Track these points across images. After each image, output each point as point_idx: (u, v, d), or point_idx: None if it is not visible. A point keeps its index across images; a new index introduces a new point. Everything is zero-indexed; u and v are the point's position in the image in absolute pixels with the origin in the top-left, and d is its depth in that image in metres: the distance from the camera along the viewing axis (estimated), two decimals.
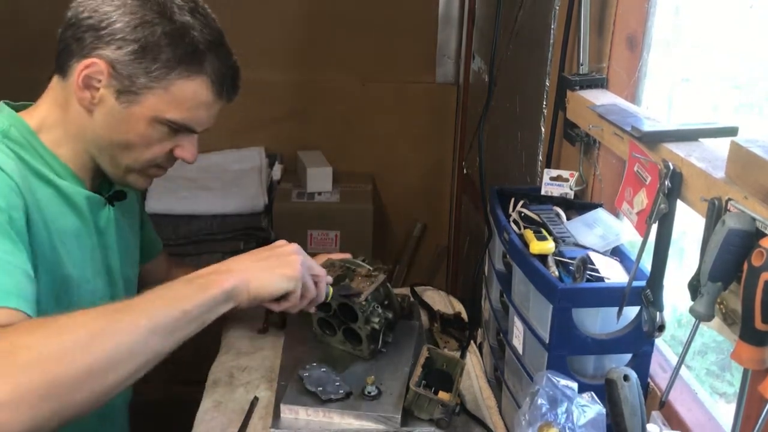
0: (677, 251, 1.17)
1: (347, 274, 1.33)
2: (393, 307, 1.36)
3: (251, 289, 1.00)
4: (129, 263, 1.22)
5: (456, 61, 2.56)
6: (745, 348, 0.75)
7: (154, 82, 1.03)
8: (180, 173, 2.43)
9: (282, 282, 1.05)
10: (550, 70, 1.52)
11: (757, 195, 0.79)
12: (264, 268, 1.04)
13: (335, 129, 2.60)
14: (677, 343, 1.22)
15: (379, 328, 1.29)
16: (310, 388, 1.21)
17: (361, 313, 1.27)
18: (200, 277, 0.97)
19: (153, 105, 1.04)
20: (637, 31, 1.27)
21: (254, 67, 2.48)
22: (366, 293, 1.26)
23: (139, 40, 1.01)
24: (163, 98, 1.04)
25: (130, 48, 1.01)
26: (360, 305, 1.25)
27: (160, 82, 1.03)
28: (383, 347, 1.33)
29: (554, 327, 1.03)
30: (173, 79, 1.03)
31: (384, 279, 1.32)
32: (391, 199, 2.69)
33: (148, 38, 1.01)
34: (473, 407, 1.26)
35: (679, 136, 1.00)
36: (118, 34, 1.00)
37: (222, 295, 0.96)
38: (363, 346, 1.31)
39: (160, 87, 1.03)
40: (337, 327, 1.33)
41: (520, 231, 1.21)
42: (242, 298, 0.99)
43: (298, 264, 1.07)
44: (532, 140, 1.64)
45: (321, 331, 1.36)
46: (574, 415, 0.86)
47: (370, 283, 1.30)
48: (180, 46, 1.03)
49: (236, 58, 1.12)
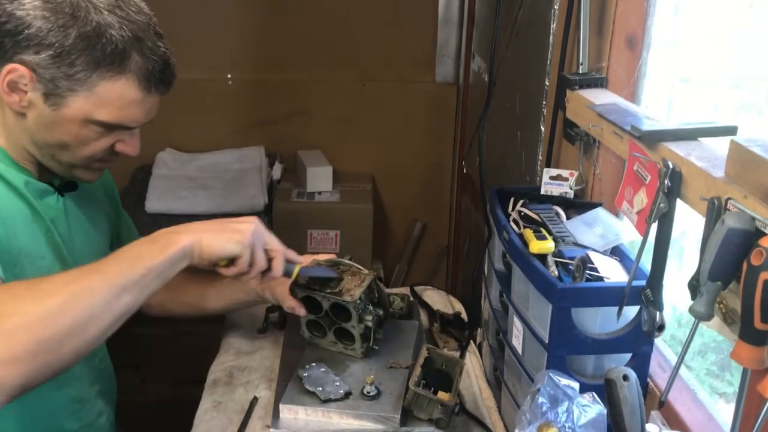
0: (677, 251, 1.17)
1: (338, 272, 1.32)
2: (383, 304, 1.36)
3: (202, 247, 1.04)
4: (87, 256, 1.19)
5: (456, 60, 2.56)
6: (745, 348, 0.75)
7: (76, 84, 1.02)
8: (180, 173, 2.43)
9: (230, 244, 1.07)
10: (549, 70, 1.52)
11: (756, 194, 0.79)
12: (215, 230, 1.08)
13: (335, 129, 2.60)
14: (677, 342, 1.22)
15: (372, 326, 1.29)
16: (310, 388, 1.21)
17: (355, 312, 1.27)
18: (161, 236, 1.03)
19: (80, 107, 1.03)
20: (637, 30, 1.27)
21: (254, 67, 2.52)
22: (359, 292, 1.26)
23: (53, 45, 0.99)
24: (89, 100, 1.03)
25: (46, 53, 1.00)
26: (354, 304, 1.25)
27: (82, 85, 1.02)
28: (375, 344, 1.33)
29: (554, 327, 1.03)
30: (96, 81, 1.02)
31: (374, 276, 1.32)
32: (391, 199, 2.69)
33: (62, 42, 0.99)
34: (472, 407, 1.27)
35: (679, 135, 1.00)
36: (34, 39, 0.99)
37: (180, 252, 1.01)
38: (356, 345, 1.31)
39: (84, 89, 1.02)
40: (328, 328, 1.32)
41: (519, 230, 1.21)
42: (195, 255, 1.04)
43: (249, 232, 1.10)
44: (532, 140, 1.64)
45: (309, 333, 1.35)
46: (574, 415, 0.86)
47: (360, 281, 1.29)
48: (97, 48, 1.01)
49: (165, 49, 1.08)
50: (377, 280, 1.34)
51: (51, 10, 0.99)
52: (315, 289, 1.27)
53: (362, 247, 2.39)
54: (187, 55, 2.56)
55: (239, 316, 1.52)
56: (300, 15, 2.47)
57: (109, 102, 1.04)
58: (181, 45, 2.56)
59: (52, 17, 0.99)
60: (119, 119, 1.06)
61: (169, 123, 2.51)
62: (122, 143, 1.12)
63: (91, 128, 1.06)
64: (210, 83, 2.51)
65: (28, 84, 1.01)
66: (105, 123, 1.06)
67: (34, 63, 1.00)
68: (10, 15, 0.99)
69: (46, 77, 1.01)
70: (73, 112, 1.03)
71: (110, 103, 1.04)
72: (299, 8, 2.46)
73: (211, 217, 2.29)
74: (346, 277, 1.30)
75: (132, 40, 1.03)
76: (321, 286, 1.27)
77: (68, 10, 1.00)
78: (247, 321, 1.51)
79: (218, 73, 2.51)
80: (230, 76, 2.52)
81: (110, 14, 1.02)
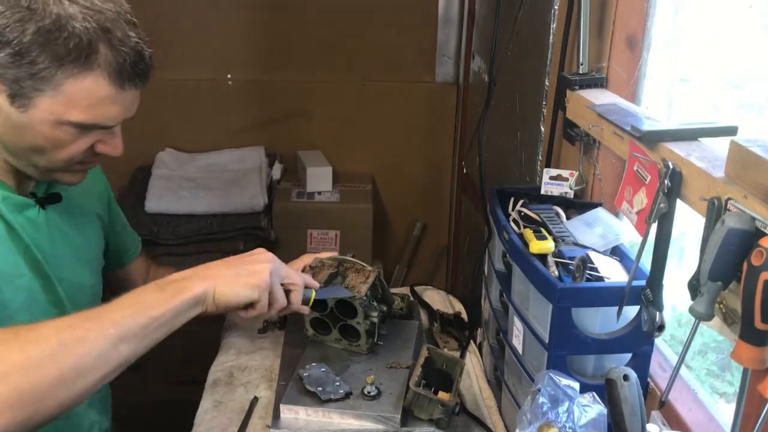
0: (677, 251, 1.17)
1: (340, 271, 1.33)
2: (387, 300, 1.37)
3: (216, 295, 1.01)
4: (74, 268, 1.15)
5: (456, 60, 2.55)
6: (745, 348, 0.75)
7: (41, 83, 0.93)
8: (180, 173, 2.43)
9: (246, 290, 1.05)
10: (549, 70, 1.52)
11: (756, 194, 0.79)
12: (231, 275, 1.04)
13: (335, 129, 2.60)
14: (677, 342, 1.22)
15: (377, 322, 1.30)
16: (310, 388, 1.21)
17: (361, 309, 1.27)
18: (171, 283, 0.98)
19: (49, 108, 0.95)
20: (637, 30, 1.27)
21: (254, 67, 2.52)
22: (365, 288, 1.27)
23: (10, 42, 0.91)
24: (57, 100, 0.95)
25: (5, 51, 0.92)
26: (360, 301, 1.26)
27: (47, 84, 0.94)
28: (379, 340, 1.34)
29: (554, 327, 1.03)
30: (62, 79, 0.94)
31: (378, 273, 1.33)
32: (391, 199, 2.69)
33: (20, 39, 0.91)
34: (473, 407, 1.27)
35: (679, 135, 1.00)
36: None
37: (190, 301, 0.97)
38: (362, 341, 1.31)
39: (49, 88, 0.94)
40: (333, 325, 1.33)
41: (519, 230, 1.21)
42: (208, 303, 1.01)
43: (265, 274, 1.07)
44: (532, 140, 1.64)
45: (313, 330, 1.36)
46: (575, 415, 0.86)
47: (365, 278, 1.30)
48: (59, 43, 0.92)
49: (137, 39, 0.99)
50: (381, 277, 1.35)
51: (5, 3, 0.92)
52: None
53: (362, 247, 2.39)
54: (188, 55, 2.59)
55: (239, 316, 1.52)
56: (300, 15, 2.47)
57: (79, 101, 0.96)
58: (181, 45, 2.58)
59: (7, 12, 0.91)
60: (93, 119, 0.98)
61: (169, 123, 2.51)
62: (102, 144, 1.04)
63: (65, 130, 0.98)
64: (210, 83, 2.51)
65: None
66: (78, 123, 0.98)
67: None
68: None
69: (9, 77, 0.93)
70: (42, 113, 0.96)
71: (80, 101, 0.96)
72: (299, 8, 2.46)
73: (211, 216, 2.32)
74: (350, 274, 1.31)
75: (98, 31, 0.94)
76: (326, 284, 1.27)
77: (24, 3, 0.91)
78: (247, 321, 1.51)
79: (218, 73, 2.50)
80: (230, 76, 2.52)
81: (72, 4, 0.93)
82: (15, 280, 1.04)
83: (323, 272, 1.30)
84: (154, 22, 2.40)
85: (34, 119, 0.96)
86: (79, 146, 1.02)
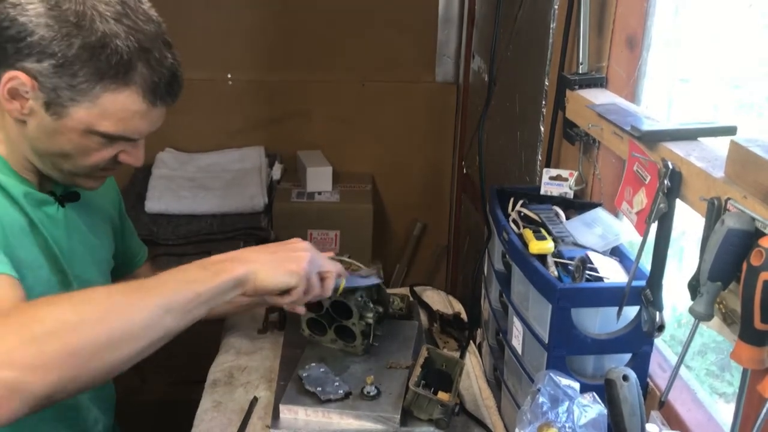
0: (677, 251, 1.17)
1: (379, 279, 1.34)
2: (383, 301, 1.37)
3: (258, 280, 1.03)
4: (88, 267, 1.18)
5: (456, 60, 2.55)
6: (745, 348, 0.75)
7: (79, 95, 0.98)
8: (180, 173, 2.43)
9: (286, 277, 1.06)
10: (549, 70, 1.52)
11: (756, 194, 0.79)
12: (272, 260, 1.06)
13: (335, 129, 2.59)
14: (677, 343, 1.22)
15: (372, 323, 1.30)
16: (310, 388, 1.21)
17: (357, 310, 1.28)
18: (214, 263, 1.00)
19: (82, 118, 1.00)
20: (637, 30, 1.27)
21: (254, 67, 2.52)
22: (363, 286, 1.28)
23: (55, 54, 0.96)
24: (92, 111, 1.00)
25: (48, 62, 0.96)
26: (356, 301, 1.27)
27: (85, 96, 0.99)
28: (374, 341, 1.34)
29: (553, 327, 1.03)
30: (99, 93, 0.99)
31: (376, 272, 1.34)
32: (391, 199, 2.68)
33: (65, 52, 0.96)
34: (472, 407, 1.27)
35: (679, 135, 1.00)
36: (36, 47, 0.96)
37: (232, 281, 0.99)
38: (357, 342, 1.32)
39: (86, 100, 0.99)
40: (328, 325, 1.33)
41: (519, 231, 1.21)
42: (249, 287, 1.02)
43: (305, 261, 1.08)
44: (532, 140, 1.64)
45: (309, 331, 1.36)
46: (575, 415, 0.86)
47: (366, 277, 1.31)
48: (101, 59, 0.97)
49: (173, 60, 1.05)
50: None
51: (55, 18, 0.96)
52: None
53: (362, 247, 2.39)
54: (187, 55, 2.56)
55: (239, 316, 1.52)
56: (300, 15, 2.47)
57: (112, 114, 1.01)
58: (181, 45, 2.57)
59: (55, 26, 0.96)
60: (122, 131, 1.04)
61: (169, 123, 2.46)
62: (125, 154, 1.09)
63: (93, 139, 1.03)
64: (210, 83, 2.51)
65: (29, 92, 0.99)
66: (107, 134, 1.03)
67: (35, 71, 0.97)
68: (12, 20, 0.96)
69: (48, 86, 0.98)
70: (75, 122, 1.01)
71: (113, 114, 1.01)
72: (299, 8, 2.46)
73: (211, 216, 2.32)
74: None
75: (138, 50, 1.00)
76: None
77: (73, 19, 0.96)
78: (247, 321, 1.51)
79: (218, 73, 2.50)
80: (230, 76, 2.52)
81: (117, 23, 0.98)
82: (36, 270, 1.08)
83: None
84: None
85: (66, 127, 1.01)
86: (103, 155, 1.06)
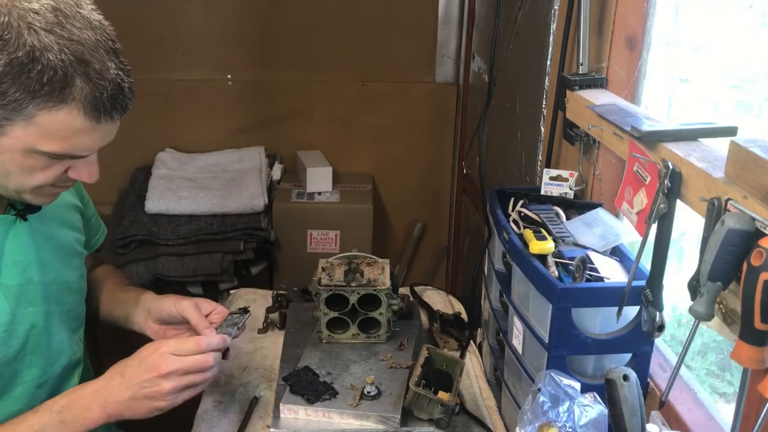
0: (677, 251, 1.17)
1: (352, 267, 1.36)
2: (396, 288, 1.40)
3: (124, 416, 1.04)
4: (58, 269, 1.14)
5: (456, 61, 2.56)
6: (745, 348, 0.75)
7: (12, 114, 0.89)
8: (180, 173, 2.43)
9: (154, 412, 1.06)
10: (549, 70, 1.52)
11: (756, 195, 0.79)
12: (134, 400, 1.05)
13: (335, 129, 2.60)
14: (677, 342, 1.22)
15: (398, 310, 1.36)
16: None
17: (386, 299, 1.32)
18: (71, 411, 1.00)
19: (20, 137, 0.91)
20: (637, 31, 1.27)
21: (254, 67, 2.52)
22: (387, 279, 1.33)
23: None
24: (29, 130, 0.91)
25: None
26: (387, 291, 1.31)
27: (19, 115, 0.89)
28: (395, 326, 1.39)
29: (554, 327, 1.03)
30: (34, 112, 0.89)
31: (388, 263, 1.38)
32: (391, 199, 2.69)
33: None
34: (473, 407, 1.27)
35: (679, 135, 1.00)
36: None
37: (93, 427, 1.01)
38: (382, 330, 1.35)
39: (21, 119, 0.90)
40: (352, 321, 1.35)
41: (519, 231, 1.21)
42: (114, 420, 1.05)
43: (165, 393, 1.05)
44: (532, 140, 1.64)
45: (329, 332, 1.36)
46: (575, 415, 0.86)
47: (381, 269, 1.35)
48: (31, 76, 0.87)
49: (117, 70, 0.94)
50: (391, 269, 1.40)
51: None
52: (342, 285, 1.32)
53: (362, 247, 2.37)
54: (187, 56, 2.59)
55: None
56: (300, 15, 2.47)
57: (53, 132, 0.92)
58: (181, 45, 2.58)
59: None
60: (66, 150, 0.94)
61: (169, 123, 2.52)
62: (75, 171, 1.00)
63: (36, 158, 0.94)
64: (210, 83, 2.51)
65: None
66: (50, 153, 0.94)
67: None
68: None
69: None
70: (13, 141, 0.91)
71: (54, 133, 0.92)
72: (299, 8, 2.46)
73: (211, 217, 2.32)
74: (365, 269, 1.36)
75: (75, 63, 0.89)
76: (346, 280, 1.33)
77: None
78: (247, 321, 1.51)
79: (218, 73, 2.51)
80: (230, 77, 2.52)
81: (48, 34, 0.87)
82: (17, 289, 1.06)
83: (337, 271, 1.34)
84: (154, 22, 2.43)
85: (4, 146, 0.93)
86: (50, 173, 0.98)
